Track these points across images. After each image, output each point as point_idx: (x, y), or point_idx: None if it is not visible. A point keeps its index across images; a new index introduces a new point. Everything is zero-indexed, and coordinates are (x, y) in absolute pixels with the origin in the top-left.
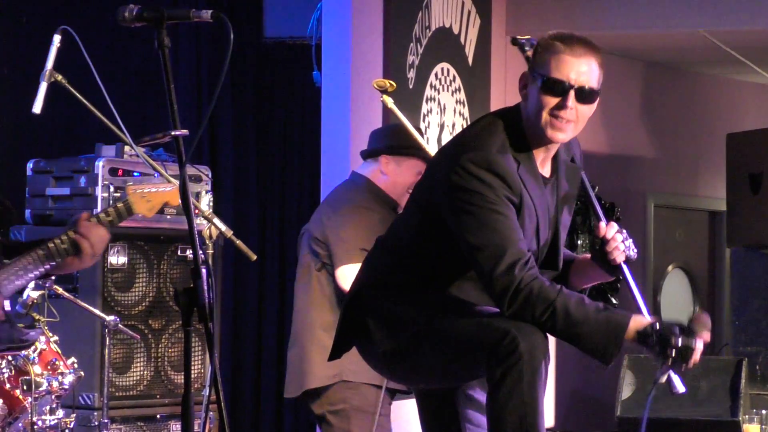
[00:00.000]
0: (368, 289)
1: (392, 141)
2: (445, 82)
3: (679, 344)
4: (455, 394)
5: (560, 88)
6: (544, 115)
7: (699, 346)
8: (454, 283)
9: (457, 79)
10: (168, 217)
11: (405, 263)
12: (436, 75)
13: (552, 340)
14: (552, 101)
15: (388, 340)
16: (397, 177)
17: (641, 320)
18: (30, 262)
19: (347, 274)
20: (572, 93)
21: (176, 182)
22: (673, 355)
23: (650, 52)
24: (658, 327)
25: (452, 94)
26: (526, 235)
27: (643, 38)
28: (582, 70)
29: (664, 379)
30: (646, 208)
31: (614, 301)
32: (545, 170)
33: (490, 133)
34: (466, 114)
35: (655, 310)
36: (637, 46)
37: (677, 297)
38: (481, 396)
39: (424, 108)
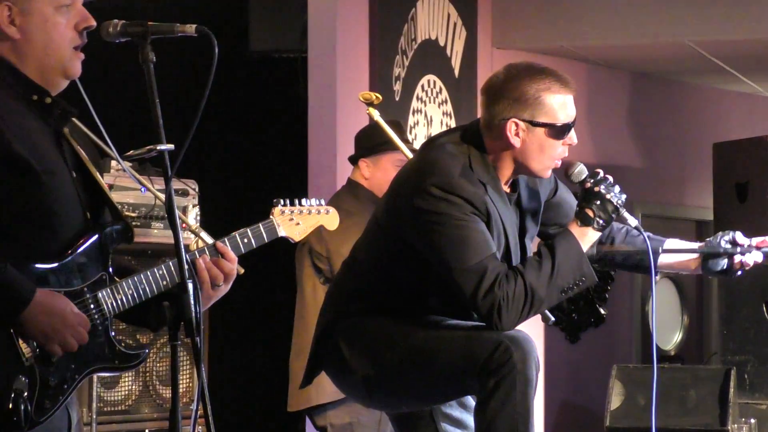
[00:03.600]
0: (341, 315)
1: (365, 143)
2: (432, 95)
3: (602, 188)
4: (434, 413)
5: (568, 131)
6: (551, 162)
7: (601, 173)
8: (428, 301)
9: (444, 91)
10: (155, 231)
11: (376, 287)
12: (422, 87)
13: (540, 352)
14: (560, 145)
15: (368, 365)
16: (377, 177)
17: (572, 221)
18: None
19: None
20: (573, 129)
21: (326, 208)
22: (609, 194)
23: (636, 63)
24: (586, 205)
25: (439, 106)
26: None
27: (628, 49)
28: (573, 103)
29: (632, 221)
30: None
31: (603, 311)
32: (506, 186)
33: (452, 157)
34: (453, 126)
35: (643, 319)
36: (623, 56)
37: (666, 306)
38: (458, 412)
39: (411, 120)
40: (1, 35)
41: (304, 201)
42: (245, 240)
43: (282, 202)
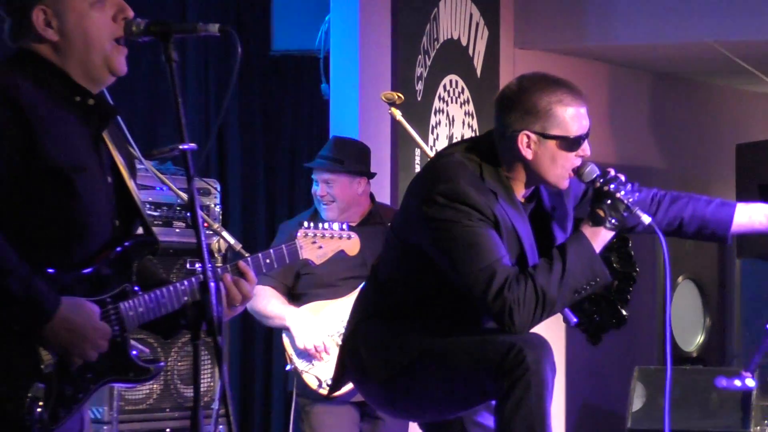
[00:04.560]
0: (362, 323)
1: None
2: (454, 94)
3: (613, 187)
4: (464, 422)
5: (581, 143)
6: (565, 172)
7: (612, 172)
8: (444, 307)
9: (466, 91)
10: (177, 230)
11: (395, 293)
12: (444, 87)
13: (561, 354)
14: (574, 157)
15: (384, 369)
16: None
17: (584, 222)
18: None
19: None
20: (587, 141)
21: (348, 233)
22: (620, 193)
23: (659, 63)
24: (597, 205)
25: (461, 106)
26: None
27: (651, 49)
28: (587, 115)
29: (645, 219)
30: None
31: (624, 312)
32: (524, 195)
33: (459, 165)
34: (475, 126)
35: (663, 321)
36: (645, 57)
37: (687, 308)
38: (488, 420)
39: (433, 120)
40: (41, 38)
41: (327, 225)
42: (267, 261)
43: (306, 224)
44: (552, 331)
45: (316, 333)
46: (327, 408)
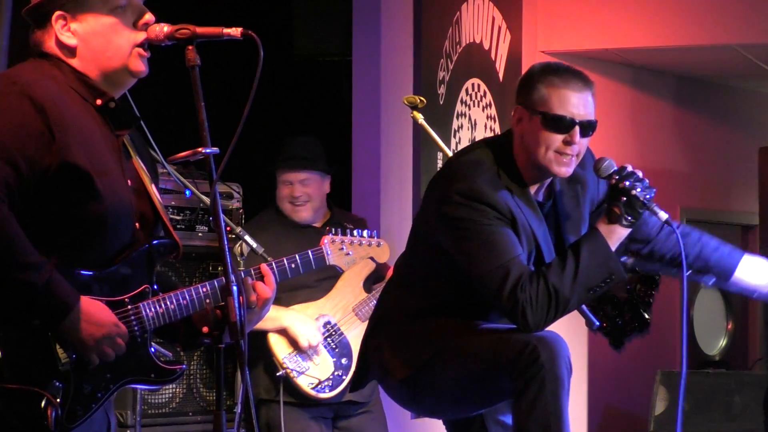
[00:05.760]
0: (385, 320)
1: None
2: (476, 98)
3: (628, 184)
4: (486, 420)
5: (564, 125)
6: (549, 154)
7: (629, 167)
8: (465, 306)
9: (488, 95)
10: (199, 234)
11: (416, 292)
12: (466, 90)
13: (584, 357)
14: (556, 138)
15: (404, 366)
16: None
17: (600, 219)
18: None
19: None
20: (577, 128)
21: (378, 240)
22: (636, 190)
23: (682, 67)
24: (613, 202)
25: (483, 110)
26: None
27: (674, 52)
28: (582, 103)
29: (662, 215)
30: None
31: (647, 316)
32: (540, 195)
33: (477, 164)
34: (498, 129)
35: (689, 324)
36: (668, 60)
37: (710, 312)
38: (511, 420)
39: (455, 124)
40: (62, 43)
41: (356, 232)
42: (293, 265)
43: (333, 231)
44: (574, 333)
45: (316, 330)
46: (305, 415)
